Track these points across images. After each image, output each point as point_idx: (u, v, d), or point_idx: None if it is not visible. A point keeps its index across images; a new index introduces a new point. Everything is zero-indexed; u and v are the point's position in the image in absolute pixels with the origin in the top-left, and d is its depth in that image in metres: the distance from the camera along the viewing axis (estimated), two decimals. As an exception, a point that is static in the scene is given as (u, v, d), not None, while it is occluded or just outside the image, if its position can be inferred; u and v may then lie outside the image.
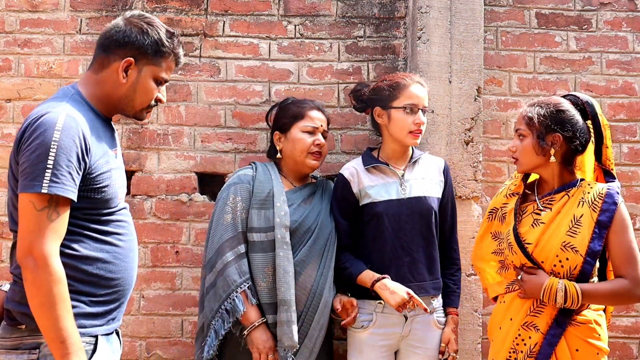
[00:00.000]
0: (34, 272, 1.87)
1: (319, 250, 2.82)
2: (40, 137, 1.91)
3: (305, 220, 2.84)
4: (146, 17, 2.14)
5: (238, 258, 2.76)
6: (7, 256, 3.24)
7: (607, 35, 3.45)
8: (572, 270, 2.39)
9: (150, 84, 2.14)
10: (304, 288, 2.77)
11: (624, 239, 2.41)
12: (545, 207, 2.49)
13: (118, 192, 2.10)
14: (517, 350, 2.43)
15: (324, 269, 2.81)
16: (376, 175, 2.90)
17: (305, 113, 2.93)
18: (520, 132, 2.51)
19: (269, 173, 2.92)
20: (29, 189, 1.89)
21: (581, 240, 2.39)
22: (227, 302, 2.72)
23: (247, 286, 2.73)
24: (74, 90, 2.10)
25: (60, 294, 1.87)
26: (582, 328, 2.41)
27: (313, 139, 2.91)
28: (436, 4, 3.24)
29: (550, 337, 2.40)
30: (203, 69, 3.33)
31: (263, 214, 2.81)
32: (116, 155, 2.15)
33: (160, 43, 2.11)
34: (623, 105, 3.44)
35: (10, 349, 1.98)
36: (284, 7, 3.37)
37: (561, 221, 2.44)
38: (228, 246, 2.77)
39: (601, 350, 2.42)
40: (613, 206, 2.41)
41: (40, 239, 1.87)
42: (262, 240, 2.78)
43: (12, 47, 3.30)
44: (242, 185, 2.86)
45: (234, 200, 2.83)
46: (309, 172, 2.99)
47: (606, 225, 2.40)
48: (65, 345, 1.86)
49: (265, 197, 2.83)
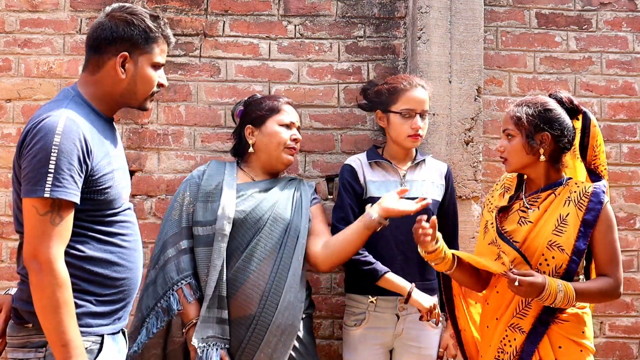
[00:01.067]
0: (39, 276, 1.88)
1: (273, 245, 2.68)
2: (41, 142, 1.92)
3: (256, 210, 2.72)
4: (127, 7, 2.13)
5: (179, 254, 2.71)
6: (7, 256, 3.25)
7: (607, 35, 3.45)
8: (558, 269, 2.40)
9: (149, 72, 2.15)
10: (256, 286, 2.64)
11: (608, 238, 2.43)
12: (531, 205, 2.49)
13: (122, 192, 2.11)
14: (505, 350, 2.44)
15: (280, 266, 2.66)
16: (378, 171, 2.91)
17: (281, 107, 2.88)
18: (508, 132, 2.51)
19: (222, 168, 2.87)
20: (32, 193, 1.90)
21: (567, 239, 2.40)
22: (163, 299, 2.66)
23: (185, 283, 2.67)
24: (74, 92, 2.11)
25: (63, 297, 1.89)
26: (565, 325, 2.42)
27: (290, 133, 2.85)
28: (436, 4, 3.24)
29: (532, 336, 2.40)
30: (203, 69, 3.33)
31: (209, 207, 2.74)
32: (119, 156, 2.16)
33: (149, 30, 2.11)
34: (623, 105, 3.44)
35: (18, 347, 2.01)
36: (284, 7, 3.37)
37: (547, 220, 2.45)
38: (171, 242, 2.73)
39: (585, 348, 2.43)
40: (599, 205, 2.42)
41: (44, 243, 1.89)
42: (208, 233, 2.71)
43: (12, 47, 3.30)
44: (191, 181, 2.83)
45: (182, 195, 2.80)
46: (282, 168, 2.90)
47: (591, 224, 2.41)
48: (67, 349, 1.88)
49: (212, 189, 2.77)
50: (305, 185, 2.91)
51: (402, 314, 2.80)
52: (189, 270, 2.69)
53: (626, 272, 3.29)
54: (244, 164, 2.93)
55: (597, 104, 3.42)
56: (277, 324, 2.61)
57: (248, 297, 2.63)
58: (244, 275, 2.65)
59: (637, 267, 3.40)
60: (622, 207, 3.40)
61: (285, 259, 2.68)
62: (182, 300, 2.65)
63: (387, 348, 2.85)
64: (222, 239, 2.66)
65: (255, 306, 2.62)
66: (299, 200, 2.81)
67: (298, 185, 2.89)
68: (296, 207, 2.79)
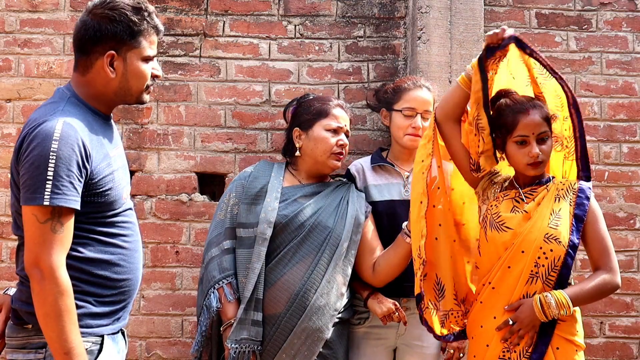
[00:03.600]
0: (41, 284, 1.87)
1: (311, 249, 2.68)
2: (38, 148, 1.89)
3: (298, 216, 2.70)
4: (108, 3, 2.05)
5: (222, 254, 2.71)
6: (7, 256, 3.25)
7: (607, 35, 3.45)
8: (556, 262, 2.41)
9: (141, 67, 2.08)
10: (285, 288, 2.64)
11: (598, 229, 2.47)
12: (527, 196, 2.50)
13: (122, 192, 2.09)
14: (511, 349, 2.44)
15: (314, 271, 2.65)
16: (381, 174, 2.91)
17: (330, 111, 2.80)
18: (544, 135, 2.46)
19: (269, 169, 2.84)
20: (31, 201, 1.88)
21: (563, 232, 2.42)
22: (206, 298, 2.68)
23: (226, 282, 2.67)
24: (69, 93, 2.06)
25: (65, 305, 1.87)
26: (562, 325, 2.42)
27: (337, 138, 2.77)
28: (436, 4, 3.24)
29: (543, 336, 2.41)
30: (203, 69, 3.33)
31: (253, 209, 2.73)
32: (118, 155, 2.13)
33: (132, 24, 2.03)
34: (623, 105, 3.43)
35: (17, 348, 1.99)
36: (284, 7, 3.37)
37: (542, 212, 2.46)
38: (214, 242, 2.74)
39: (578, 345, 2.44)
40: (586, 200, 2.47)
41: (45, 251, 1.87)
42: (249, 236, 2.70)
43: (12, 47, 3.30)
44: (238, 182, 2.82)
45: (229, 197, 2.80)
46: (328, 172, 2.85)
47: (582, 219, 2.45)
48: (69, 357, 1.87)
49: (257, 192, 2.76)
50: (354, 192, 2.84)
51: (404, 313, 2.79)
52: (231, 269, 2.70)
53: (626, 272, 3.29)
54: (292, 165, 2.88)
55: (597, 104, 3.42)
56: (302, 327, 2.61)
57: (277, 297, 2.64)
58: (276, 276, 2.66)
59: (637, 267, 3.40)
60: (622, 207, 3.40)
61: (321, 265, 2.66)
62: (223, 299, 2.66)
63: (390, 347, 2.85)
64: (262, 242, 2.66)
65: (282, 307, 2.63)
66: (345, 209, 2.77)
67: (347, 192, 2.83)
68: (340, 215, 2.75)
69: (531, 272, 2.41)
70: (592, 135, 3.37)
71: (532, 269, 2.41)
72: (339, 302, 2.70)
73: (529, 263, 2.42)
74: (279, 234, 2.69)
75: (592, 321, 3.30)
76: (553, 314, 2.37)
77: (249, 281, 2.64)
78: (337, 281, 2.69)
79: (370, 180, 2.89)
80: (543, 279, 2.41)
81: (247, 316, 2.62)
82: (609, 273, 2.45)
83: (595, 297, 2.50)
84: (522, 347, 2.41)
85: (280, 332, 2.62)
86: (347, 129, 2.83)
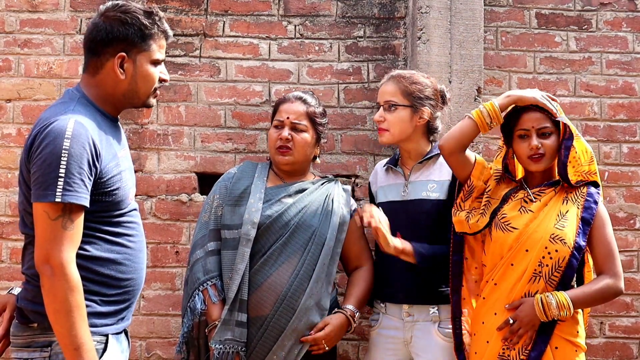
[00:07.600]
0: (51, 280, 1.89)
1: (297, 249, 2.67)
2: (50, 146, 1.91)
3: (282, 216, 2.69)
4: (120, 6, 2.10)
5: (206, 256, 2.71)
6: (7, 256, 3.25)
7: (607, 35, 3.45)
8: (560, 263, 2.42)
9: (149, 70, 2.13)
10: (272, 290, 2.63)
11: (604, 234, 2.48)
12: (536, 197, 2.53)
13: (129, 192, 2.12)
14: (510, 347, 2.44)
15: (300, 271, 2.64)
16: (389, 175, 2.88)
17: (279, 107, 2.82)
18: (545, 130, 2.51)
19: (252, 170, 2.84)
20: (42, 198, 1.90)
21: (569, 233, 2.43)
22: (191, 300, 2.68)
23: (210, 284, 2.67)
24: (79, 94, 2.10)
25: (75, 301, 1.89)
26: (562, 325, 2.43)
27: (278, 133, 2.77)
28: (436, 4, 3.24)
29: (543, 334, 2.42)
30: (203, 69, 3.33)
31: (237, 210, 2.73)
32: (125, 156, 2.16)
33: (144, 27, 2.08)
34: (623, 105, 3.44)
35: (22, 347, 2.01)
36: (284, 7, 3.37)
37: (548, 213, 2.48)
38: (199, 244, 2.75)
39: (579, 346, 2.45)
40: (594, 204, 2.49)
41: (56, 248, 1.89)
42: (234, 237, 2.70)
43: (12, 47, 3.30)
44: (222, 183, 2.83)
45: (213, 198, 2.80)
46: (282, 169, 2.81)
47: (589, 222, 2.47)
48: (79, 352, 1.89)
49: (241, 193, 2.76)
50: (339, 189, 2.84)
51: (407, 319, 2.74)
52: (215, 271, 2.70)
53: (626, 272, 3.28)
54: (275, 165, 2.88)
55: (597, 104, 3.42)
56: (293, 328, 2.61)
57: (263, 299, 2.64)
58: (262, 277, 2.65)
59: (637, 267, 3.40)
60: (622, 207, 3.40)
61: (308, 265, 2.66)
62: (207, 301, 2.66)
63: (400, 356, 2.77)
64: (246, 243, 2.66)
65: (269, 309, 2.62)
66: (329, 206, 2.76)
67: (332, 189, 2.82)
68: (324, 213, 2.74)
69: (535, 271, 2.42)
70: (592, 135, 3.37)
71: (535, 268, 2.42)
72: (327, 300, 2.71)
73: (533, 262, 2.43)
74: (263, 234, 2.69)
75: (592, 321, 3.30)
76: (553, 315, 2.37)
77: (233, 282, 2.64)
78: (325, 280, 2.69)
79: (380, 182, 2.89)
80: (546, 278, 2.42)
81: (232, 317, 2.62)
82: (613, 278, 2.46)
83: (598, 301, 2.51)
84: (521, 345, 2.42)
85: (269, 334, 2.61)
86: (296, 121, 2.76)
